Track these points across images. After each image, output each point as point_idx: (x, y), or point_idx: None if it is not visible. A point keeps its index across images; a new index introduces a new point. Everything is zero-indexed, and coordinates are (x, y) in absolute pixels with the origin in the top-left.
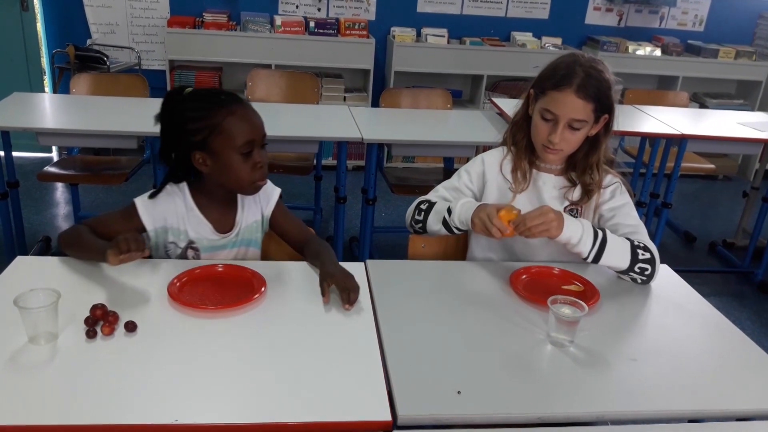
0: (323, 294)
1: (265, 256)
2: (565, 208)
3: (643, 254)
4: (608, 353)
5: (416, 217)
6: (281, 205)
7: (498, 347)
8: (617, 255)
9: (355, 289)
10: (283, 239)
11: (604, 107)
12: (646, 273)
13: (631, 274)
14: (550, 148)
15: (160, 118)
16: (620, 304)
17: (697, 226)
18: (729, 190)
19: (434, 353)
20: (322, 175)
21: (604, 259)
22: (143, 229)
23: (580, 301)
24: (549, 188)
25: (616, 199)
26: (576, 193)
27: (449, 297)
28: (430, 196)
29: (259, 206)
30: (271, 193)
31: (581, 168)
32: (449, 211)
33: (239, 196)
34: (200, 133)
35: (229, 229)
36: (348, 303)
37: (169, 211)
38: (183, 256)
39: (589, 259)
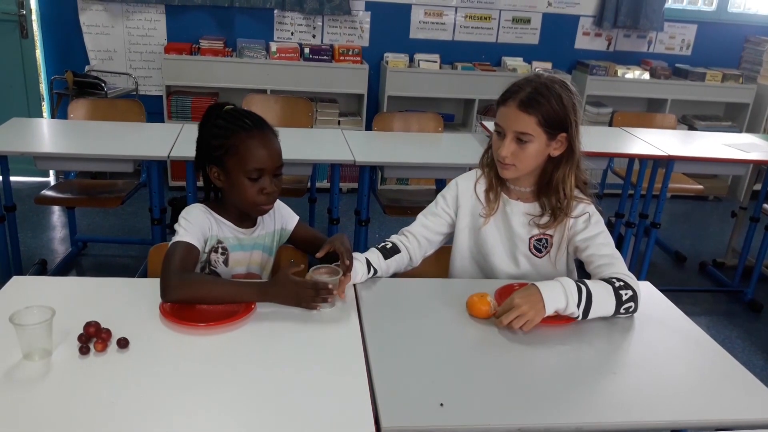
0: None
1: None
2: (532, 237)
3: (625, 293)
4: (589, 366)
5: None
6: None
7: (480, 360)
8: (603, 305)
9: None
10: (305, 248)
11: (554, 123)
12: (630, 310)
13: (616, 316)
14: (502, 162)
15: (198, 128)
16: (602, 319)
17: (687, 246)
18: (719, 210)
19: (418, 367)
20: (317, 197)
21: (593, 313)
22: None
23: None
24: (517, 215)
25: (589, 229)
26: (545, 218)
27: (434, 312)
28: (409, 227)
29: (273, 222)
30: (289, 218)
31: (548, 190)
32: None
33: None
34: (219, 150)
35: (251, 226)
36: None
37: (204, 226)
38: (208, 260)
39: (579, 318)
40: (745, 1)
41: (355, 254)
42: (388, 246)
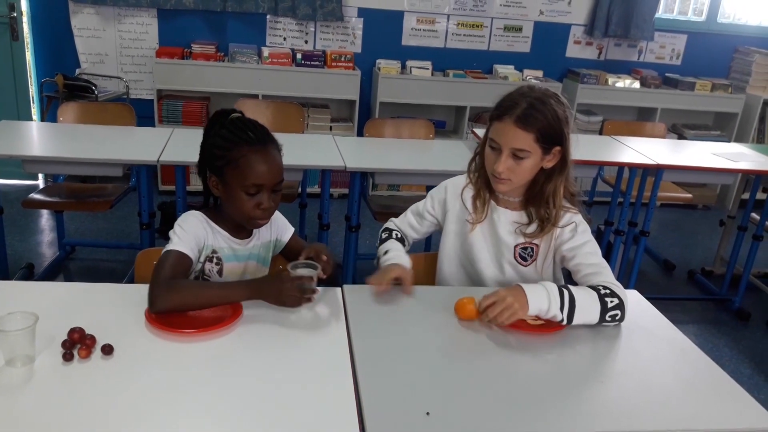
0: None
1: None
2: (517, 245)
3: (611, 301)
4: (576, 375)
5: (377, 244)
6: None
7: (467, 368)
8: (588, 311)
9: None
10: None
11: (550, 138)
12: (617, 318)
13: (602, 324)
14: (497, 177)
15: (203, 133)
16: (589, 328)
17: (676, 254)
18: (708, 219)
19: (405, 375)
20: (307, 203)
21: (577, 318)
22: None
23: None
24: (504, 223)
25: (576, 239)
26: (532, 228)
27: (421, 320)
28: (399, 220)
29: (269, 233)
30: (284, 229)
31: (537, 200)
32: (385, 252)
33: None
34: (220, 161)
35: (247, 236)
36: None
37: (200, 235)
38: (202, 270)
39: (564, 322)
40: (734, 12)
41: (396, 251)
42: (399, 236)
